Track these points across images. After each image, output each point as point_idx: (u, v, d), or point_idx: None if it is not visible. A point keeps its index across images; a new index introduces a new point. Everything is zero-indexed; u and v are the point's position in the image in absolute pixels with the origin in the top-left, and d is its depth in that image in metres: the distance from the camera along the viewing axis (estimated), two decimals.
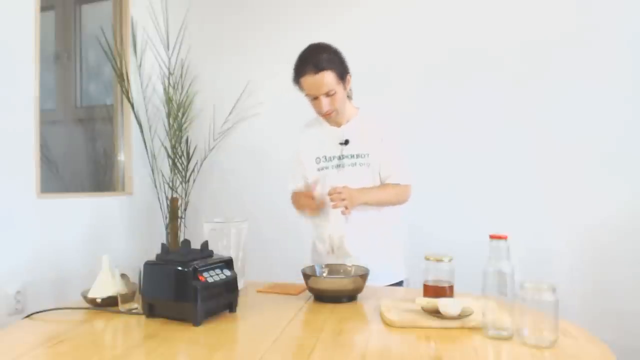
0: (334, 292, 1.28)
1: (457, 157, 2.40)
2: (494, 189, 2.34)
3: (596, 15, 2.21)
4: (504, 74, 2.33)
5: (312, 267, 1.43)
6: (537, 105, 2.29)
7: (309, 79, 1.49)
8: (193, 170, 2.73)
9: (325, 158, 1.62)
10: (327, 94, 1.50)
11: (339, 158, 1.60)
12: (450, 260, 1.22)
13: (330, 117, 1.59)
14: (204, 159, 2.76)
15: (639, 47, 2.16)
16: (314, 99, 1.53)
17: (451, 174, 2.40)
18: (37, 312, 1.17)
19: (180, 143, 2.67)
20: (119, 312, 1.17)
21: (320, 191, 1.61)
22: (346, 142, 1.60)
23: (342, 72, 1.53)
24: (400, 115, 2.41)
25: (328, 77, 1.48)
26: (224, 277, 1.14)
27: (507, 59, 2.33)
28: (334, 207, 1.44)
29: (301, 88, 1.55)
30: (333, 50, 1.54)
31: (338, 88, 1.51)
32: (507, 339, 0.97)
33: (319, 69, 1.47)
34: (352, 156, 1.59)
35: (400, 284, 1.63)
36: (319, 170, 1.62)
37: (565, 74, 2.25)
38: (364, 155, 1.59)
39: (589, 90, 2.22)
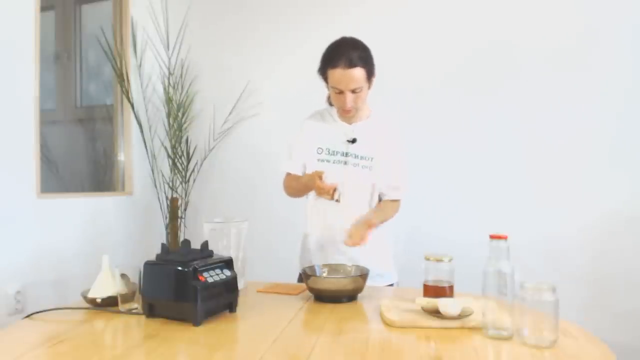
0: (334, 292, 1.28)
1: (457, 156, 2.39)
2: (493, 188, 2.34)
3: (596, 15, 2.21)
4: (504, 74, 2.33)
5: (312, 267, 1.43)
6: (536, 105, 2.29)
7: (339, 72, 1.46)
8: (193, 170, 2.73)
9: (329, 151, 1.60)
10: (354, 91, 1.48)
11: (344, 155, 1.59)
12: (450, 260, 1.22)
13: (349, 114, 1.57)
14: (204, 159, 2.76)
15: (639, 47, 2.16)
16: (339, 92, 1.50)
17: (451, 174, 2.40)
18: (37, 312, 1.16)
19: (180, 143, 2.67)
20: (119, 312, 1.17)
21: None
22: (353, 141, 1.59)
23: (371, 71, 1.51)
24: (400, 114, 2.42)
25: (359, 74, 1.46)
26: (224, 277, 1.14)
27: (505, 59, 2.33)
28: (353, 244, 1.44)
29: (326, 79, 1.52)
30: (366, 48, 1.52)
31: (364, 87, 1.50)
32: (507, 339, 0.97)
33: (352, 64, 1.45)
34: (357, 156, 1.58)
35: (391, 286, 1.63)
36: (318, 160, 1.60)
37: (564, 73, 2.25)
38: (368, 158, 1.58)
39: (589, 89, 2.22)
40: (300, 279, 1.71)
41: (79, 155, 2.73)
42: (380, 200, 1.64)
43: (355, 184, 1.56)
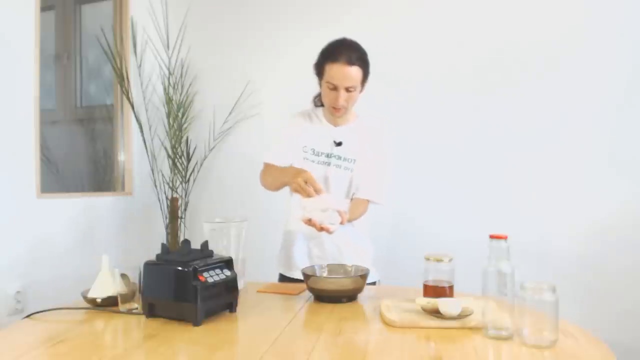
0: (334, 292, 1.28)
1: (457, 157, 2.39)
2: (494, 188, 2.34)
3: (596, 16, 2.21)
4: (503, 75, 2.33)
5: (312, 267, 1.44)
6: (536, 105, 2.29)
7: (338, 67, 1.47)
8: (193, 170, 2.73)
9: (314, 151, 1.61)
10: (348, 89, 1.50)
11: (327, 156, 1.60)
12: (450, 260, 1.22)
13: (338, 114, 1.57)
14: (204, 159, 2.76)
15: (638, 48, 2.16)
16: (333, 89, 1.51)
17: (451, 174, 2.40)
18: (37, 312, 1.16)
19: (180, 143, 2.66)
20: (119, 312, 1.17)
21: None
22: (339, 144, 1.60)
23: (366, 74, 1.54)
24: (400, 114, 2.42)
25: (356, 73, 1.48)
26: (224, 277, 1.14)
27: (505, 60, 2.32)
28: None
29: (323, 73, 1.53)
30: (365, 52, 1.54)
31: (358, 88, 1.52)
32: (507, 339, 0.97)
33: (352, 62, 1.47)
34: (340, 158, 1.60)
35: (373, 284, 1.63)
36: (303, 159, 1.61)
37: (564, 73, 2.25)
38: (351, 161, 1.60)
39: (589, 89, 2.22)
40: (280, 278, 1.70)
41: (79, 155, 2.73)
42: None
43: (335, 183, 1.58)
